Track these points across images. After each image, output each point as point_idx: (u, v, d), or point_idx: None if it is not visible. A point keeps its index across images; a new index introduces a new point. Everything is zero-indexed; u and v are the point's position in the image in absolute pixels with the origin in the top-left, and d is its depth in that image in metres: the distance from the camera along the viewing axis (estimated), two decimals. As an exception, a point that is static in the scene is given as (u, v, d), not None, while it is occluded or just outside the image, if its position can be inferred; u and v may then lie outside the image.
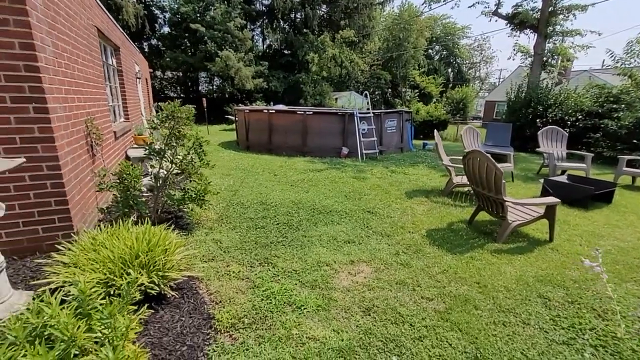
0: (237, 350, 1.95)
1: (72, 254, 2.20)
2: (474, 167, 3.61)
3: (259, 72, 21.71)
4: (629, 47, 9.21)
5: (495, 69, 79.55)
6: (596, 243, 3.57)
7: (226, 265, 2.90)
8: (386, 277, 2.80)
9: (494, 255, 3.22)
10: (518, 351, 2.03)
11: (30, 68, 2.52)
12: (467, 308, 2.42)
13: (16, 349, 1.43)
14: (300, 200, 4.67)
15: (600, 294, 2.63)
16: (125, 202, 3.34)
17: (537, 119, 10.60)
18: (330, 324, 2.22)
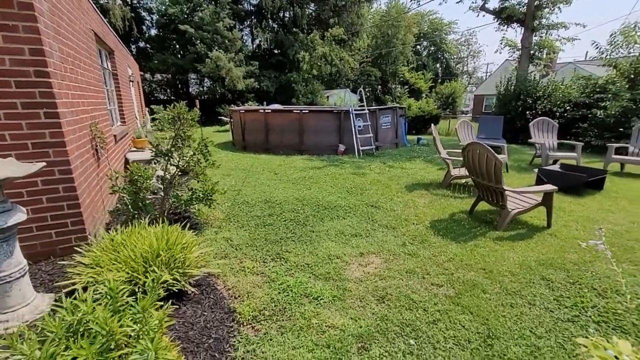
0: (261, 341, 2.03)
1: (93, 255, 2.24)
2: (473, 159, 3.73)
3: (249, 72, 21.66)
4: (613, 38, 9.50)
5: (483, 63, 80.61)
6: (591, 227, 3.74)
7: (240, 262, 2.96)
8: (396, 266, 2.90)
9: (496, 243, 3.35)
10: (527, 329, 2.15)
11: (40, 73, 2.55)
12: (475, 292, 2.53)
13: (57, 344, 1.49)
14: (304, 197, 4.75)
15: (599, 274, 2.77)
16: (135, 204, 3.37)
17: (527, 111, 10.86)
18: (347, 312, 2.31)
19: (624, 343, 1.42)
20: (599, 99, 9.36)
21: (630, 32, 9.08)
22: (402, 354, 1.95)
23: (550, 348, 1.98)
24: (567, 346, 1.99)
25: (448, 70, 43.69)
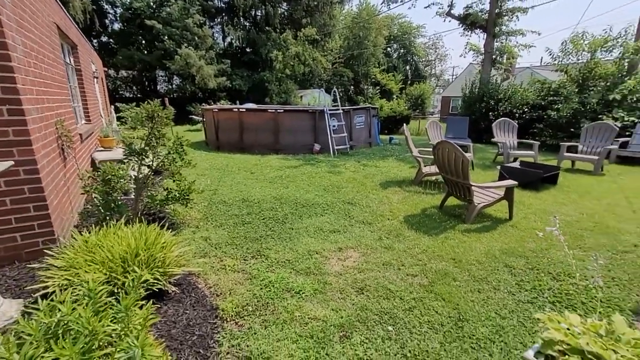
0: (246, 335, 2.07)
1: (67, 257, 2.16)
2: (443, 156, 3.96)
3: (221, 70, 21.21)
4: (564, 46, 10.33)
5: (449, 66, 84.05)
6: (547, 219, 4.09)
7: (220, 260, 2.96)
8: (373, 259, 3.03)
9: (464, 235, 3.59)
10: (492, 311, 2.34)
11: (3, 68, 2.41)
12: (447, 280, 2.71)
13: (36, 346, 1.44)
14: (281, 195, 4.78)
15: (554, 260, 3.06)
16: (107, 205, 3.25)
17: (490, 113, 11.53)
18: (329, 304, 2.40)
19: (574, 317, 1.62)
20: (552, 101, 10.14)
21: (578, 40, 9.92)
22: (381, 339, 2.07)
23: (513, 327, 2.18)
24: (527, 324, 2.20)
25: (417, 72, 45.15)
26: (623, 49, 9.26)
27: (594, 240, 3.49)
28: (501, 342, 2.05)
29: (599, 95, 9.18)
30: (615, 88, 8.95)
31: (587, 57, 9.88)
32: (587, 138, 7.18)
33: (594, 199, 4.91)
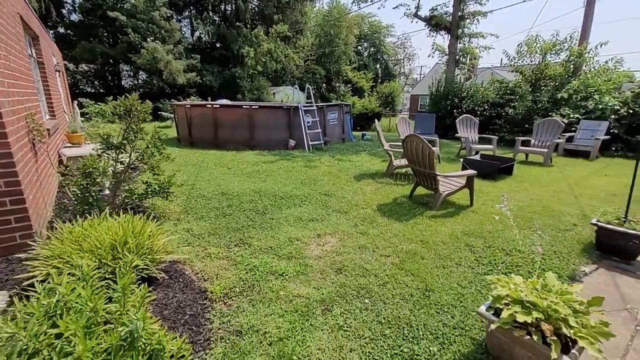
0: (235, 313, 2.22)
1: (54, 247, 2.20)
2: (411, 149, 4.28)
3: (191, 65, 20.66)
4: (519, 48, 11.18)
5: (417, 65, 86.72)
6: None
7: (204, 249, 3.07)
8: (350, 244, 3.28)
9: (431, 220, 3.93)
10: (455, 283, 2.66)
11: (-24, 60, 2.37)
12: (416, 259, 3.01)
13: (40, 323, 1.52)
14: (260, 189, 4.92)
15: (507, 239, 3.46)
16: (84, 199, 3.25)
17: (454, 110, 12.24)
18: (310, 283, 2.61)
19: (517, 278, 1.94)
20: (509, 99, 10.97)
21: (532, 43, 10.79)
22: (359, 310, 2.31)
23: (472, 294, 2.51)
24: (483, 292, 2.53)
25: (387, 71, 46.33)
26: (569, 53, 10.20)
27: (541, 221, 3.96)
28: (461, 306, 2.36)
29: (549, 94, 10.06)
30: (563, 88, 9.87)
31: (539, 59, 10.77)
32: (539, 133, 7.90)
33: (542, 187, 5.48)
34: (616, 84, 9.63)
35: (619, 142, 8.62)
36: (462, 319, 2.23)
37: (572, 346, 1.58)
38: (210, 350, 1.90)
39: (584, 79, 9.77)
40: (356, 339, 2.04)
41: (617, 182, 5.79)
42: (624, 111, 8.51)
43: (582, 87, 9.56)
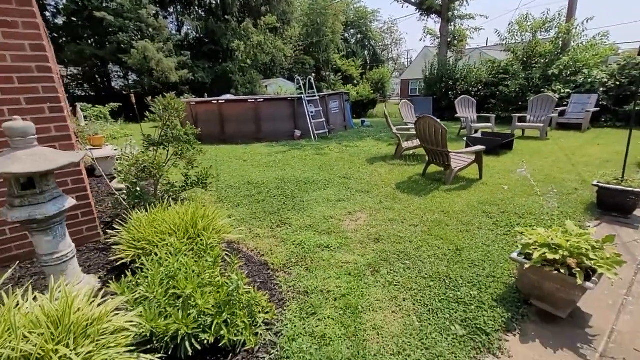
0: (297, 278, 2.56)
1: (134, 232, 2.49)
2: (424, 129, 4.61)
3: (182, 62, 20.53)
4: (511, 27, 11.50)
5: (404, 49, 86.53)
6: (509, 176, 4.93)
7: (250, 231, 3.39)
8: (380, 217, 3.62)
9: (447, 193, 4.29)
10: (480, 242, 3.03)
11: (42, 68, 2.61)
12: (441, 226, 3.37)
13: (160, 287, 1.83)
14: (282, 177, 5.21)
15: (518, 204, 3.84)
16: (134, 193, 3.51)
17: (449, 92, 12.58)
18: (354, 252, 2.95)
19: (540, 229, 2.30)
20: (502, 79, 11.34)
21: (523, 22, 11.11)
22: (402, 270, 2.66)
23: (496, 250, 2.88)
24: (506, 248, 2.90)
25: (375, 57, 46.23)
26: (558, 30, 10.56)
27: (546, 188, 4.35)
28: (490, 260, 2.73)
29: (540, 71, 10.46)
30: (553, 64, 10.26)
31: (529, 37, 11.11)
32: (533, 109, 8.30)
33: (542, 158, 5.89)
34: (603, 58, 10.06)
35: (608, 113, 9.08)
36: (492, 270, 2.60)
37: (593, 275, 1.95)
38: (287, 307, 2.23)
39: (572, 54, 10.16)
40: (406, 291, 2.39)
41: (608, 150, 6.23)
42: (611, 83, 8.95)
43: (571, 62, 9.96)
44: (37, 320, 1.34)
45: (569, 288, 1.97)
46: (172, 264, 1.99)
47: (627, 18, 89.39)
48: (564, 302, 2.04)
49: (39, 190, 1.98)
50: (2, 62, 2.44)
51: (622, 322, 2.05)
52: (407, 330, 2.01)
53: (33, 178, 1.95)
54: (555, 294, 2.05)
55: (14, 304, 1.40)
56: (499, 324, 2.04)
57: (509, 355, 1.84)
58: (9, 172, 1.73)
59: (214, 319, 1.79)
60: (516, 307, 2.19)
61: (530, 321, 2.09)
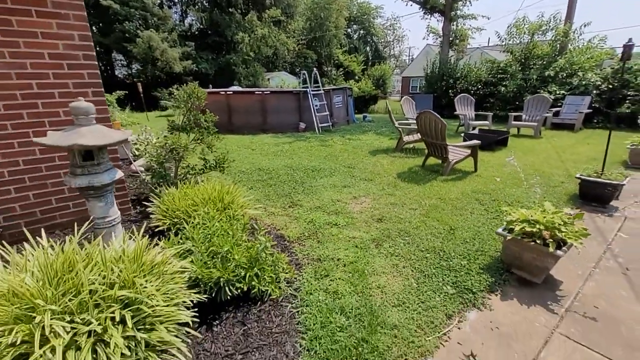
0: (310, 248, 2.92)
1: (169, 204, 2.84)
2: (425, 123, 4.96)
3: (185, 53, 20.69)
4: (509, 29, 11.83)
5: (406, 47, 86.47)
6: (502, 170, 5.30)
7: (265, 209, 3.74)
8: (382, 202, 3.98)
9: (444, 182, 4.66)
10: (471, 224, 3.40)
11: (88, 57, 2.92)
12: (437, 210, 3.74)
13: (201, 244, 2.18)
14: (290, 164, 5.56)
15: (508, 194, 4.21)
16: (159, 173, 3.85)
17: (449, 90, 12.91)
18: (360, 229, 3.31)
19: (523, 209, 2.66)
20: (501, 78, 11.68)
21: (520, 25, 11.43)
22: (403, 244, 3.02)
23: (486, 231, 3.25)
24: (494, 229, 3.27)
25: (377, 53, 46.38)
26: (555, 32, 10.90)
27: (534, 181, 4.72)
28: (479, 238, 3.10)
29: (537, 72, 10.81)
30: (550, 66, 10.61)
31: (527, 39, 11.44)
32: (529, 108, 8.67)
33: (534, 155, 6.27)
34: (598, 61, 10.42)
35: (600, 115, 9.47)
36: (481, 246, 2.97)
37: (564, 245, 2.32)
38: (303, 270, 2.59)
39: (569, 57, 10.51)
40: (406, 260, 2.76)
41: (596, 149, 6.62)
42: (604, 86, 9.33)
43: (567, 65, 10.31)
44: (119, 258, 1.69)
45: (544, 256, 2.34)
46: (210, 227, 2.34)
47: (625, 22, 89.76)
48: (539, 270, 2.42)
49: (96, 162, 2.31)
50: (54, 50, 2.76)
51: (587, 287, 2.43)
52: (406, 289, 2.38)
53: (92, 151, 2.29)
54: (532, 263, 2.43)
55: (98, 246, 1.75)
56: (483, 286, 2.41)
57: (490, 309, 2.22)
58: (80, 144, 2.06)
59: (247, 271, 2.15)
60: (499, 274, 2.56)
61: (510, 285, 2.47)
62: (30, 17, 2.61)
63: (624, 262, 2.75)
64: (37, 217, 2.97)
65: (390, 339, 1.92)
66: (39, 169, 2.89)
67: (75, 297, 1.44)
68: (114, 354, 1.34)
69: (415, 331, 1.99)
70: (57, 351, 1.24)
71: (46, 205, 2.99)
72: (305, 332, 1.96)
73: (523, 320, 2.10)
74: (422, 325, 2.03)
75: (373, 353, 1.82)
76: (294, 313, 2.13)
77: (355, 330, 1.97)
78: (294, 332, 1.98)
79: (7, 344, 1.24)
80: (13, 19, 2.55)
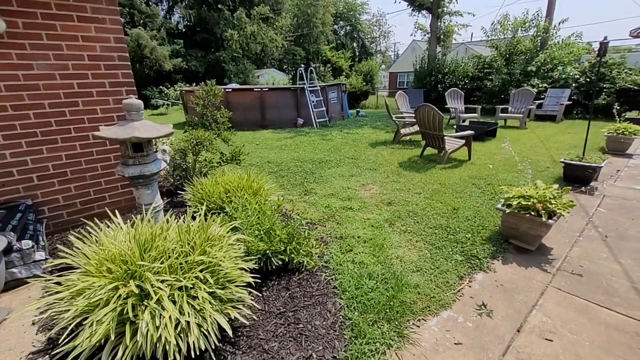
0: (331, 228, 3.25)
1: (202, 192, 3.11)
2: (423, 115, 5.34)
3: (175, 51, 20.56)
4: (494, 26, 12.38)
5: (392, 42, 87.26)
6: (494, 158, 5.75)
7: (283, 197, 4.04)
8: (389, 188, 4.35)
9: (442, 170, 5.06)
10: (471, 205, 3.80)
11: (122, 57, 3.15)
12: (440, 194, 4.12)
13: (247, 221, 2.48)
14: (297, 157, 5.86)
15: (501, 178, 4.64)
16: (180, 166, 4.10)
17: (438, 85, 13.40)
18: (372, 212, 3.66)
19: (517, 188, 3.06)
20: (487, 73, 12.23)
21: (504, 21, 11.99)
22: (413, 223, 3.39)
23: (485, 210, 3.65)
24: (492, 208, 3.68)
25: (364, 49, 46.71)
26: (536, 29, 11.48)
27: (522, 167, 5.18)
28: (480, 216, 3.50)
29: (521, 67, 11.38)
30: (532, 61, 11.20)
31: (510, 35, 12.01)
32: (514, 101, 9.20)
33: (520, 144, 6.76)
34: (576, 56, 11.07)
35: (579, 106, 10.11)
36: (481, 222, 3.37)
37: (553, 216, 2.73)
38: (329, 246, 2.93)
39: (549, 52, 11.12)
40: (418, 236, 3.13)
41: (577, 138, 7.17)
42: (582, 80, 9.96)
43: (548, 59, 10.91)
44: (189, 230, 1.98)
45: (537, 226, 2.74)
46: (250, 209, 2.64)
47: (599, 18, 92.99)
48: (534, 238, 2.82)
49: (145, 153, 2.57)
50: (92, 52, 2.98)
51: (573, 252, 2.85)
52: (421, 259, 2.74)
53: (142, 143, 2.55)
54: (527, 232, 2.83)
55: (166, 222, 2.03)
56: (487, 254, 2.80)
57: (494, 271, 2.60)
58: (136, 136, 2.32)
59: (286, 245, 2.47)
60: (499, 244, 2.96)
61: (509, 252, 2.87)
62: (72, 22, 2.82)
63: (603, 231, 3.19)
64: (78, 208, 3.19)
65: (414, 295, 2.28)
66: (79, 163, 3.11)
67: (165, 261, 1.74)
68: (203, 303, 1.64)
69: (434, 289, 2.35)
70: (163, 298, 1.54)
71: (85, 197, 3.22)
72: (342, 293, 2.30)
73: (522, 279, 2.50)
74: (440, 285, 2.40)
75: (402, 306, 2.17)
76: (328, 280, 2.46)
77: (384, 290, 2.32)
78: (332, 294, 2.31)
79: (124, 294, 1.53)
80: (57, 24, 2.76)
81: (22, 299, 2.29)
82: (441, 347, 1.86)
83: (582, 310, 2.14)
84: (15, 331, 1.99)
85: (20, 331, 1.98)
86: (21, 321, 2.05)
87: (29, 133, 2.82)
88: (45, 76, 2.79)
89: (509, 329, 1.99)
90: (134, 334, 1.46)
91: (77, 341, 1.44)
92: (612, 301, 2.22)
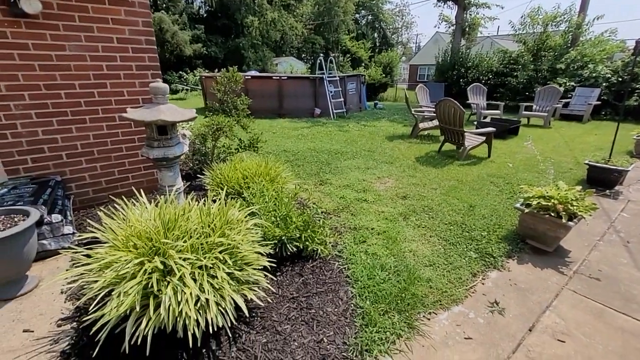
0: (346, 219, 3.27)
1: (220, 177, 3.18)
2: (444, 110, 5.25)
3: (195, 36, 20.70)
4: (523, 19, 11.88)
5: (414, 34, 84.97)
6: (514, 157, 5.61)
7: (299, 186, 4.08)
8: (404, 182, 4.33)
9: (460, 166, 4.99)
10: (489, 203, 3.74)
11: (149, 41, 3.22)
12: (457, 190, 4.08)
13: (264, 205, 2.54)
14: (313, 147, 5.88)
15: (520, 178, 4.54)
16: (200, 151, 4.19)
17: (460, 79, 13.05)
18: (387, 205, 3.66)
19: (538, 188, 3.00)
20: (512, 69, 11.82)
21: (534, 15, 11.48)
22: (427, 218, 3.38)
23: (502, 209, 3.59)
24: (510, 208, 3.62)
25: (385, 40, 45.76)
26: (568, 24, 10.97)
27: (544, 167, 5.05)
28: (497, 215, 3.45)
29: (549, 63, 10.94)
30: (561, 58, 10.74)
31: (540, 30, 11.52)
32: (539, 99, 8.89)
33: (544, 144, 6.56)
34: (609, 54, 10.54)
35: (609, 107, 9.67)
36: (498, 221, 3.32)
37: (574, 218, 2.67)
38: (343, 236, 2.96)
39: (581, 49, 10.63)
40: (432, 230, 3.12)
41: (603, 140, 6.90)
42: (614, 79, 9.50)
43: (578, 57, 10.44)
44: (209, 212, 2.04)
45: (557, 227, 2.69)
46: (267, 195, 2.69)
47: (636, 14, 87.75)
48: (552, 239, 2.77)
49: (169, 136, 2.64)
50: (121, 35, 3.05)
51: (592, 255, 2.79)
52: (434, 253, 2.74)
53: (166, 126, 2.62)
54: (546, 233, 2.78)
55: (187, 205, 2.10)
56: (502, 252, 2.78)
57: (508, 270, 2.58)
58: (163, 119, 2.39)
59: (302, 232, 2.51)
60: (515, 244, 2.92)
61: (525, 253, 2.83)
62: (103, 5, 2.89)
63: (625, 236, 3.10)
64: (103, 186, 3.33)
65: (426, 289, 2.30)
66: (105, 143, 3.23)
67: (187, 241, 1.81)
68: (222, 283, 1.71)
69: (446, 284, 2.36)
70: (185, 275, 1.61)
71: (110, 176, 3.35)
72: (354, 283, 2.34)
73: (537, 279, 2.47)
74: (452, 280, 2.41)
75: (413, 298, 2.19)
76: (341, 269, 2.50)
77: (396, 282, 2.34)
78: (344, 283, 2.35)
79: (149, 269, 1.61)
80: (89, 6, 2.84)
81: (51, 269, 2.43)
82: (451, 341, 1.88)
83: (597, 314, 2.11)
84: (46, 298, 2.12)
85: (50, 299, 2.11)
86: (50, 289, 2.19)
87: (60, 112, 2.94)
88: (76, 57, 2.89)
89: (521, 328, 1.99)
90: (157, 307, 1.54)
91: (105, 310, 1.53)
92: (630, 307, 2.17)
